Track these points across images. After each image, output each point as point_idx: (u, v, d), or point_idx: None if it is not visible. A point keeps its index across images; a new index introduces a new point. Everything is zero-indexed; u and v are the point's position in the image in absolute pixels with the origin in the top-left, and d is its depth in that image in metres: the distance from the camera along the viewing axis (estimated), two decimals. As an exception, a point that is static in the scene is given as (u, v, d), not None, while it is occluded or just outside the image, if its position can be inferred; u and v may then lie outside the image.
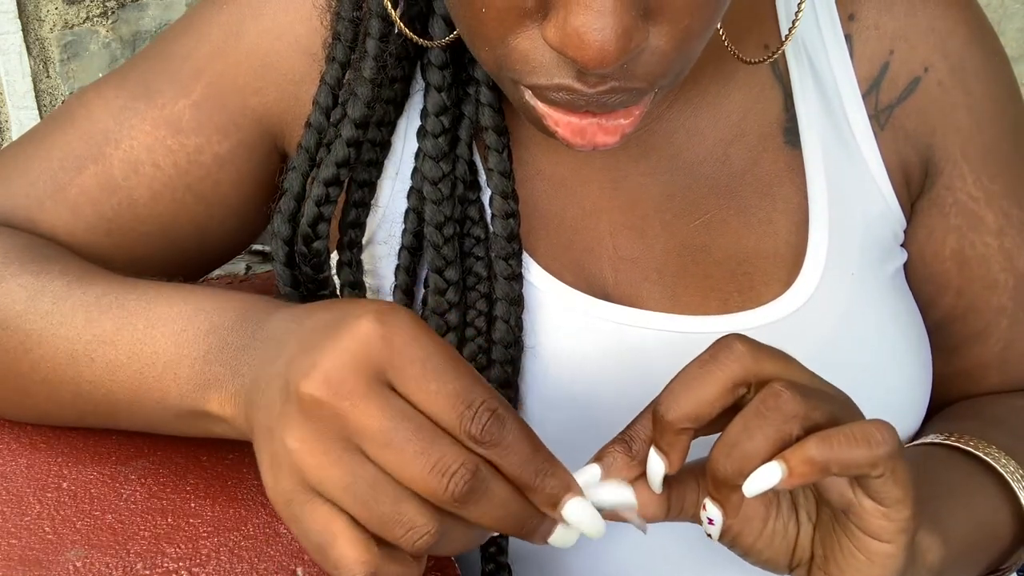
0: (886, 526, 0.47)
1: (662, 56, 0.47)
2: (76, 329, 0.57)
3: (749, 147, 0.65)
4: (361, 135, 0.61)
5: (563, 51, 0.45)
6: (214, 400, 0.53)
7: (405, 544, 0.45)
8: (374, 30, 0.60)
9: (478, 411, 0.45)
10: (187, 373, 0.54)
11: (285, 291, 0.65)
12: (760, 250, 0.64)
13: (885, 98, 0.66)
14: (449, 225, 0.61)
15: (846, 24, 0.66)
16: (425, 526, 0.45)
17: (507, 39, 0.48)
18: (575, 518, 0.47)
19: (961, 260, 0.68)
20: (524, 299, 0.62)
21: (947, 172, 0.68)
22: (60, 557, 0.53)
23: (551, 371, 0.62)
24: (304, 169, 0.63)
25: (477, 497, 0.44)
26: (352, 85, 0.61)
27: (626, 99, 0.49)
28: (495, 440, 0.45)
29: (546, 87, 0.48)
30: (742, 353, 0.47)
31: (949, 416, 0.70)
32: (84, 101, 0.66)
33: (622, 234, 0.64)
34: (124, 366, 0.56)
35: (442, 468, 0.44)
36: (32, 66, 0.91)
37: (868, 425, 0.45)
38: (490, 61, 0.50)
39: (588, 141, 0.51)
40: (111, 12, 0.91)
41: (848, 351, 0.64)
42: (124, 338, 0.56)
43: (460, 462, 0.44)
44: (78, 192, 0.65)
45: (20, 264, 0.60)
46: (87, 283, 0.59)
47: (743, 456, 0.46)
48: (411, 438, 0.44)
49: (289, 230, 0.63)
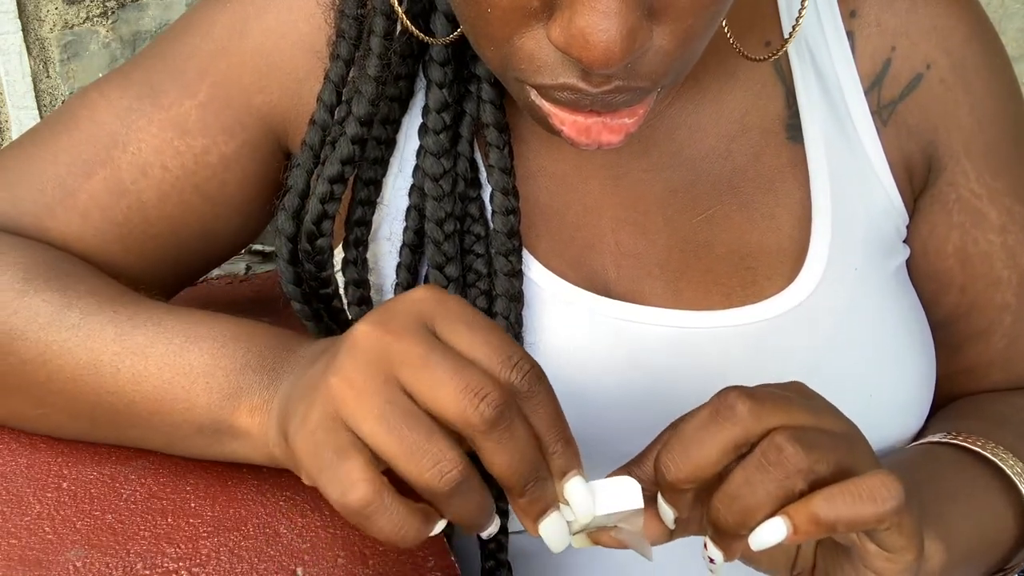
0: (889, 568, 0.48)
1: (666, 55, 0.48)
2: (105, 341, 0.57)
3: (751, 143, 0.65)
4: (366, 133, 0.61)
5: (568, 51, 0.45)
6: (244, 408, 0.54)
7: (432, 478, 0.45)
8: (378, 28, 0.60)
9: (519, 362, 0.47)
10: (220, 382, 0.55)
11: (288, 288, 0.65)
12: (763, 245, 0.64)
13: (887, 94, 0.66)
14: (450, 222, 0.62)
15: (848, 21, 0.66)
16: (455, 460, 0.45)
17: (512, 39, 0.48)
18: (572, 495, 0.48)
19: (964, 257, 0.69)
20: (524, 295, 0.62)
21: (950, 168, 0.68)
22: (60, 557, 0.53)
23: (552, 367, 0.62)
24: (308, 167, 0.63)
25: (503, 427, 0.45)
26: (356, 83, 0.61)
27: (630, 98, 0.49)
28: (533, 391, 0.47)
29: (551, 87, 0.49)
30: (743, 415, 0.47)
31: (952, 414, 0.70)
32: (87, 102, 0.66)
33: (624, 230, 0.64)
34: (152, 376, 0.56)
35: (475, 388, 0.45)
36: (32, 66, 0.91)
37: (874, 480, 0.45)
38: (495, 60, 0.50)
39: (593, 140, 0.51)
40: (111, 12, 0.91)
41: (851, 346, 0.64)
42: (157, 351, 0.56)
43: (493, 387, 0.45)
44: (87, 198, 0.65)
45: (45, 280, 0.60)
46: (119, 302, 0.59)
47: (745, 510, 0.46)
48: (447, 362, 0.45)
49: (293, 227, 0.63)
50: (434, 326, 0.47)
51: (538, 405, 0.47)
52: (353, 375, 0.46)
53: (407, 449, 0.45)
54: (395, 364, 0.46)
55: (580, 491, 0.48)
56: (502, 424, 0.45)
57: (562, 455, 0.48)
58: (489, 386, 0.45)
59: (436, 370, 0.45)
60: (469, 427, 0.45)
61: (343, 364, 0.47)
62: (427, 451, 0.45)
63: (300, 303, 0.66)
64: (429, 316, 0.47)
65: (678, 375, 0.62)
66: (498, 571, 0.63)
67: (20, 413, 0.62)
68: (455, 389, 0.45)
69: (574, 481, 0.48)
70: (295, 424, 0.49)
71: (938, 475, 0.60)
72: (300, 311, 0.66)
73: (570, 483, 0.48)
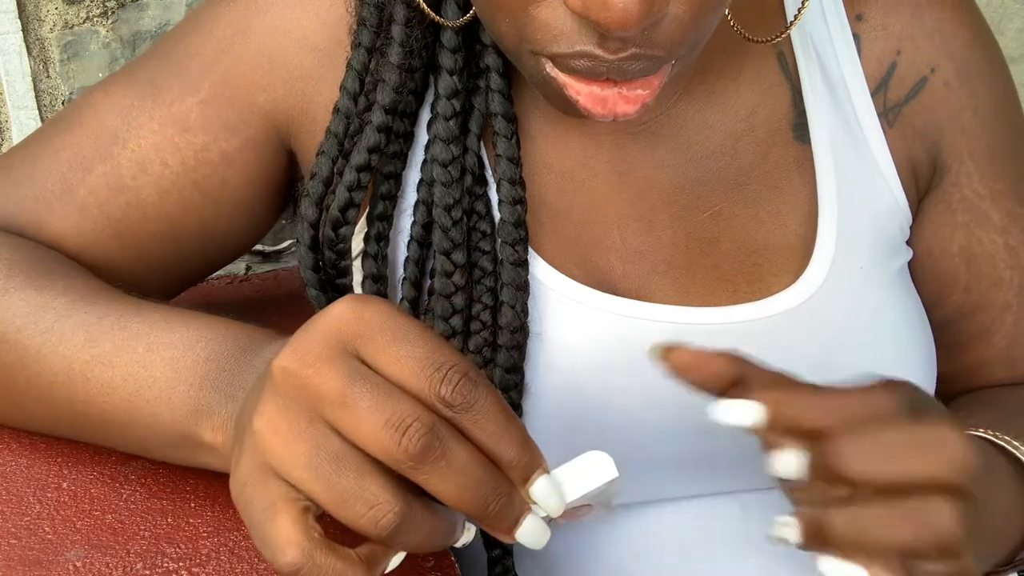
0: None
1: (681, 24, 0.48)
2: (75, 348, 0.57)
3: (758, 142, 0.65)
4: (391, 121, 0.61)
5: (586, 15, 0.46)
6: (206, 427, 0.53)
7: (368, 524, 0.43)
8: (399, 16, 0.60)
9: (448, 373, 0.43)
10: (181, 399, 0.54)
11: (306, 274, 0.65)
12: (769, 241, 0.64)
13: (893, 97, 0.67)
14: (457, 208, 0.62)
15: (854, 24, 0.67)
16: (389, 503, 0.42)
17: (528, 8, 0.48)
18: (542, 496, 0.45)
19: (969, 256, 0.69)
20: (530, 285, 0.62)
21: (954, 170, 0.68)
22: (60, 557, 0.53)
23: (558, 361, 0.62)
24: (333, 154, 0.62)
25: (435, 457, 0.42)
26: (379, 71, 0.61)
27: (646, 67, 0.49)
28: (468, 402, 0.43)
29: (567, 55, 0.49)
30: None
31: (960, 406, 0.71)
32: (91, 101, 0.66)
33: (630, 227, 0.64)
34: (119, 388, 0.55)
35: (396, 422, 0.42)
36: (32, 66, 0.91)
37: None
38: (510, 34, 0.51)
39: (609, 111, 0.51)
40: (111, 12, 0.91)
41: (855, 344, 0.64)
42: (123, 360, 0.56)
43: (416, 416, 0.42)
44: (86, 193, 0.65)
45: (25, 278, 0.60)
46: (91, 302, 0.58)
47: (863, 540, 0.45)
48: (366, 395, 0.43)
49: (316, 213, 0.63)
50: (355, 346, 0.44)
51: (479, 416, 0.44)
52: (276, 419, 0.44)
53: (338, 497, 0.43)
54: (316, 402, 0.43)
55: (548, 491, 0.45)
56: (431, 455, 0.42)
57: (519, 463, 0.44)
58: (411, 415, 0.42)
59: (355, 407, 0.42)
60: (398, 464, 0.42)
61: (266, 407, 0.45)
62: (358, 496, 0.42)
63: (316, 289, 0.66)
64: (349, 336, 0.44)
65: None
66: (504, 559, 0.62)
67: (8, 415, 0.62)
68: (375, 425, 0.42)
69: (539, 482, 0.45)
70: (232, 468, 0.47)
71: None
72: (315, 297, 0.66)
73: (535, 485, 0.45)
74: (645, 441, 0.62)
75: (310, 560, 0.43)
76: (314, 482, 0.43)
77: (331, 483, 0.43)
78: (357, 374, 0.43)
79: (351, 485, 0.43)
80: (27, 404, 0.59)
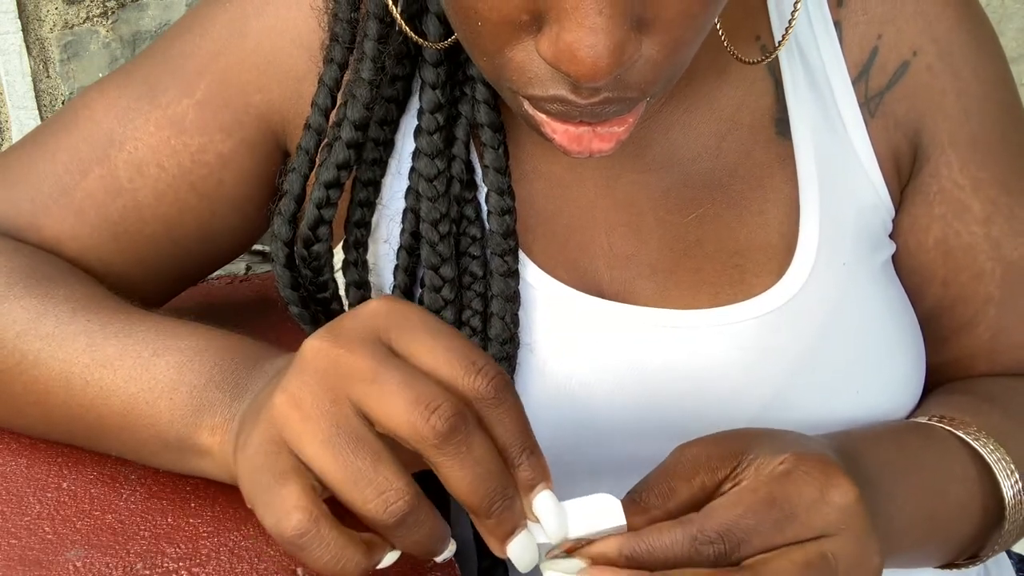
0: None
1: (655, 66, 0.48)
2: (76, 352, 0.57)
3: (741, 139, 0.65)
4: (361, 137, 0.61)
5: (557, 66, 0.45)
6: (205, 426, 0.53)
7: (376, 509, 0.43)
8: (372, 32, 0.60)
9: (484, 367, 0.45)
10: (183, 399, 0.54)
11: (285, 292, 0.65)
12: (752, 242, 0.64)
13: (875, 84, 0.66)
14: (444, 223, 0.62)
15: (835, 10, 0.66)
16: (402, 491, 0.43)
17: (503, 51, 0.48)
18: (543, 511, 0.45)
19: (946, 249, 0.68)
20: (520, 296, 0.62)
21: (934, 159, 0.67)
22: (60, 557, 0.53)
23: (547, 368, 0.62)
24: (304, 171, 0.63)
25: (458, 440, 0.43)
26: (351, 87, 0.61)
27: (620, 108, 0.49)
28: (499, 398, 0.45)
29: (542, 98, 0.49)
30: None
31: (941, 392, 0.70)
32: (87, 102, 0.66)
33: (617, 232, 0.64)
34: (119, 390, 0.56)
35: (426, 400, 0.43)
36: (32, 66, 0.91)
37: None
38: (489, 70, 0.51)
39: (584, 148, 0.51)
40: (111, 12, 0.91)
41: (841, 341, 0.64)
42: (126, 363, 0.56)
43: (445, 398, 0.43)
44: (83, 196, 0.65)
45: (25, 286, 0.60)
46: (93, 311, 0.59)
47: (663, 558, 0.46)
48: (397, 374, 0.44)
49: (289, 232, 0.63)
50: (389, 339, 0.46)
51: (503, 414, 0.45)
52: (300, 395, 0.45)
53: (351, 476, 0.43)
54: (345, 380, 0.44)
55: (550, 507, 0.46)
56: (456, 437, 0.43)
57: (528, 467, 0.45)
58: (441, 397, 0.43)
59: (386, 383, 0.43)
60: (421, 441, 0.43)
61: (290, 383, 0.45)
62: (372, 480, 0.43)
63: (298, 307, 0.66)
64: (384, 329, 0.46)
65: (670, 376, 0.62)
66: (494, 571, 0.63)
67: (6, 420, 0.62)
68: (405, 401, 0.43)
69: (543, 496, 0.46)
70: (239, 445, 0.48)
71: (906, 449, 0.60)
72: (298, 315, 0.66)
73: (539, 498, 0.45)
74: (633, 445, 0.62)
75: (315, 527, 0.43)
76: (330, 460, 0.44)
77: (347, 462, 0.43)
78: (390, 356, 0.45)
79: (366, 467, 0.43)
80: (24, 408, 0.59)
